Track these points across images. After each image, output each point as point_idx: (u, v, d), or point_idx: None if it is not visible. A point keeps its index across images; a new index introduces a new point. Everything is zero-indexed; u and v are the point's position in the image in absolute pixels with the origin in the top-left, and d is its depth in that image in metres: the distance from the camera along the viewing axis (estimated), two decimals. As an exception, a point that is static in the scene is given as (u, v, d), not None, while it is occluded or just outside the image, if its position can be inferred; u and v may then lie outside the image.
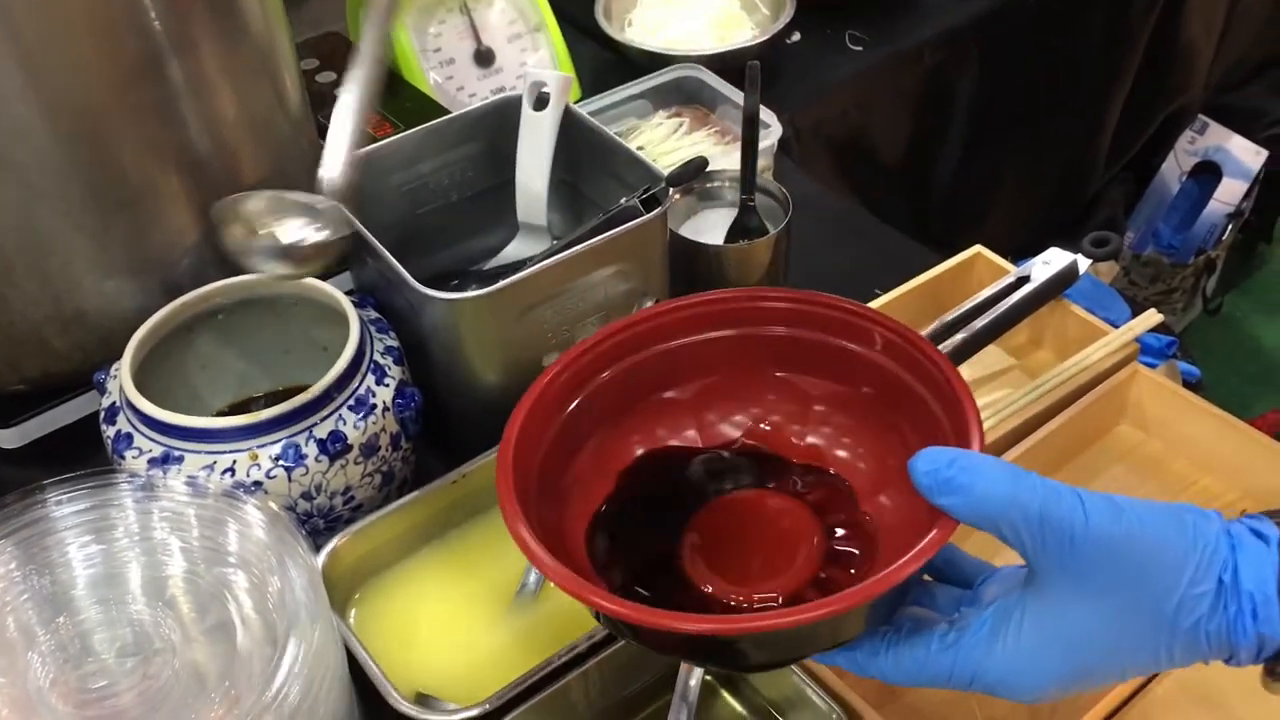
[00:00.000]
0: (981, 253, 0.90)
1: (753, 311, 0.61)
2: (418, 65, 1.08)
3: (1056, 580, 0.48)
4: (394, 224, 0.82)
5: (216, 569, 0.60)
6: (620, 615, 0.48)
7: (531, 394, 0.57)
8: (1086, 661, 0.49)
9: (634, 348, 0.61)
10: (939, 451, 0.49)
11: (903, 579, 0.48)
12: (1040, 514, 0.47)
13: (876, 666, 0.52)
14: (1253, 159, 1.94)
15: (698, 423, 0.63)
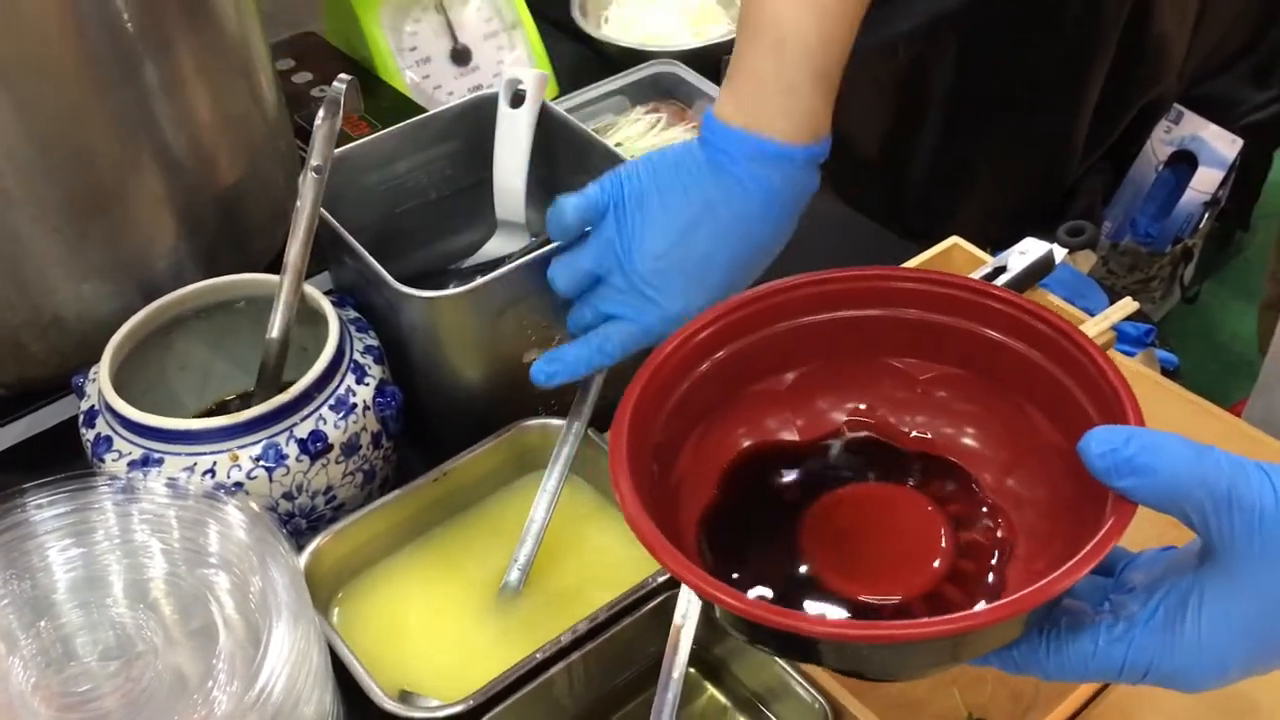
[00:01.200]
0: (958, 244, 0.91)
1: (854, 293, 0.57)
2: (394, 64, 1.08)
3: (1241, 561, 0.45)
4: (372, 223, 0.82)
5: (198, 570, 0.60)
6: (781, 625, 0.45)
7: (632, 393, 0.53)
8: (1269, 644, 0.46)
9: (733, 336, 0.57)
10: (1113, 430, 0.46)
11: (1085, 571, 0.45)
12: (1228, 493, 0.44)
13: (1037, 665, 0.49)
14: (1228, 148, 1.95)
15: (804, 411, 0.59)
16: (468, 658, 0.68)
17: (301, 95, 1.07)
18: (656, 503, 0.51)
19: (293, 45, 1.14)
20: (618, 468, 0.50)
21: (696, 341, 0.56)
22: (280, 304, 0.71)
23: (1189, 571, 0.47)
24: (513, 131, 0.83)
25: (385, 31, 1.08)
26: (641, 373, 0.54)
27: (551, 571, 0.72)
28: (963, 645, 0.48)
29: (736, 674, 0.68)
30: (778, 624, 0.45)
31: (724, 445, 0.58)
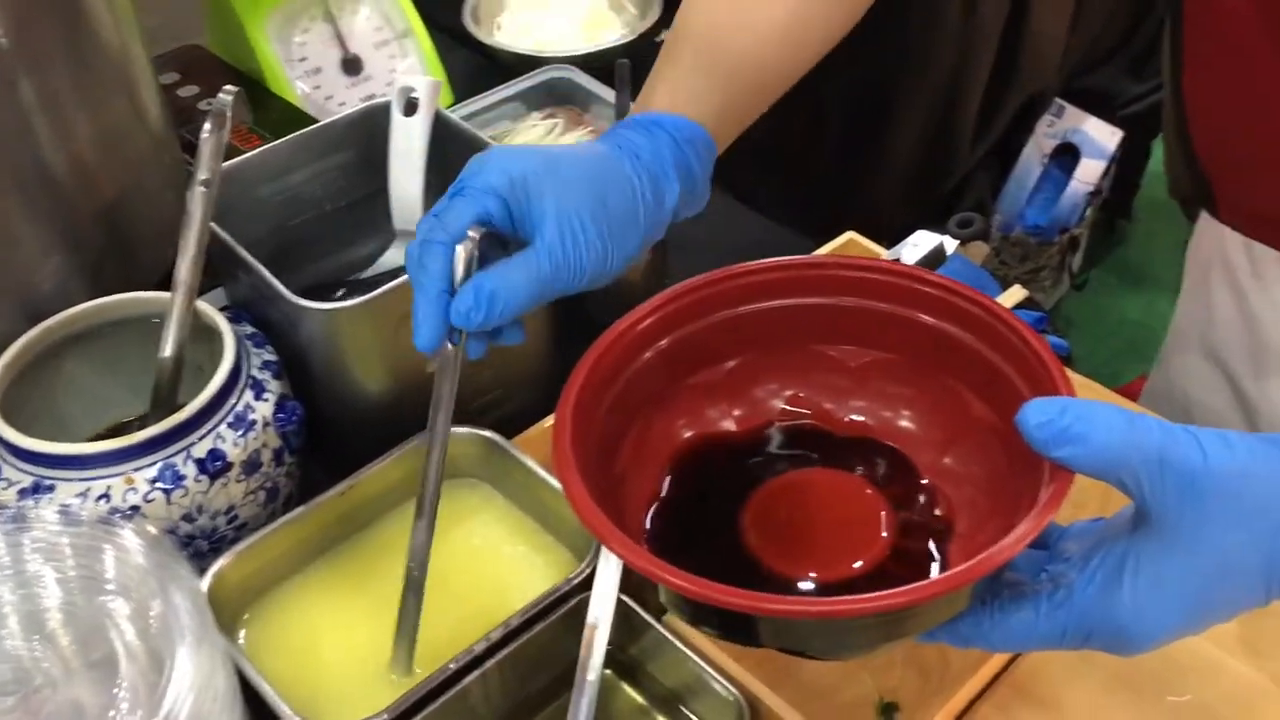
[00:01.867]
0: (853, 238, 0.93)
1: (790, 281, 0.58)
2: (283, 75, 1.06)
3: (1174, 523, 0.46)
4: (266, 237, 0.81)
5: (95, 598, 0.58)
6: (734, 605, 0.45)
7: (573, 385, 0.53)
8: (1203, 603, 0.47)
9: (672, 326, 0.58)
10: (1049, 402, 0.47)
11: (1030, 539, 0.45)
12: (1160, 456, 0.45)
13: (982, 637, 0.50)
14: (1109, 139, 2.02)
15: (742, 400, 0.60)
16: (383, 673, 0.67)
17: (188, 109, 1.05)
18: (601, 495, 0.51)
19: (177, 58, 1.12)
20: (563, 461, 0.50)
21: (637, 332, 0.56)
22: (172, 322, 0.69)
23: (1123, 537, 0.48)
24: (407, 140, 0.83)
25: (273, 43, 1.06)
26: (582, 365, 0.54)
27: (465, 581, 0.71)
28: (909, 620, 0.49)
29: (653, 673, 0.68)
30: (728, 603, 0.45)
31: (666, 437, 0.58)
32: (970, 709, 0.65)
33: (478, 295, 0.58)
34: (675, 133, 0.66)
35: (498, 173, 0.60)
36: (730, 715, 0.63)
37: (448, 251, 0.58)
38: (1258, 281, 0.82)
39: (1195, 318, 0.90)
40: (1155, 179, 2.14)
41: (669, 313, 0.57)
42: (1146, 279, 2.20)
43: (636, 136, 0.65)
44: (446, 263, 0.58)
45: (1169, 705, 0.65)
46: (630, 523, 0.55)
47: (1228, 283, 0.85)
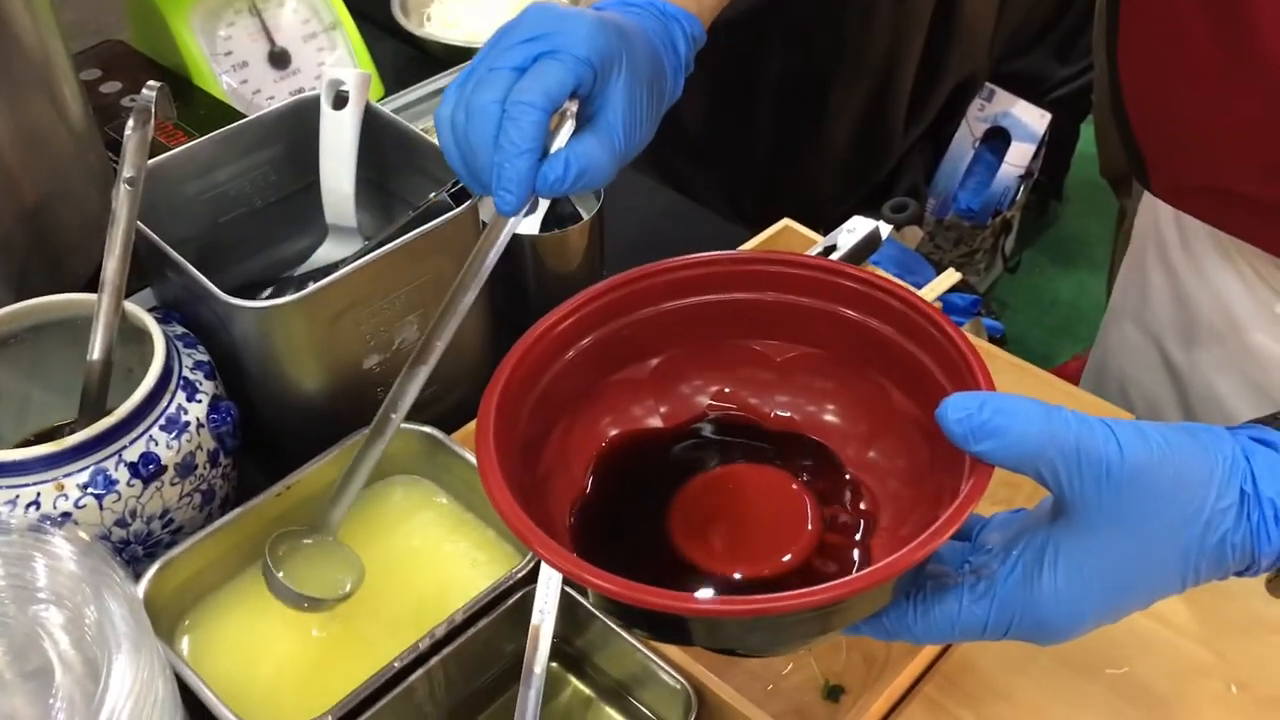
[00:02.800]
0: (789, 225, 0.93)
1: (714, 277, 0.58)
2: (209, 70, 1.05)
3: (1091, 514, 0.47)
4: (195, 235, 0.80)
5: (28, 608, 0.56)
6: (656, 605, 0.45)
7: (496, 384, 0.53)
8: (1121, 591, 0.48)
9: (595, 324, 0.57)
10: (968, 397, 0.47)
11: (950, 533, 0.45)
12: (1076, 449, 0.46)
13: (907, 630, 0.50)
14: (1038, 122, 2.05)
15: (668, 397, 0.59)
16: (329, 674, 0.66)
17: (111, 106, 1.03)
18: (526, 496, 0.51)
19: (99, 54, 1.10)
20: (486, 463, 0.49)
21: (559, 331, 0.56)
22: (99, 324, 0.68)
23: (1043, 528, 0.49)
24: (337, 134, 0.82)
25: (197, 37, 1.04)
26: (504, 365, 0.53)
27: (407, 579, 0.71)
28: (833, 615, 0.49)
29: (599, 665, 0.68)
30: (653, 604, 0.45)
31: (591, 435, 0.58)
32: (914, 689, 0.66)
33: (567, 168, 0.57)
34: (682, 20, 0.67)
35: (587, 43, 0.58)
36: (678, 704, 0.64)
37: (544, 117, 0.56)
38: (1187, 255, 0.84)
39: (1130, 294, 0.92)
40: (1084, 160, 2.18)
41: (590, 311, 0.57)
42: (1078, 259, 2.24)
43: (651, 19, 0.65)
44: (541, 127, 0.56)
45: (1107, 678, 0.67)
46: (556, 522, 0.54)
47: (1160, 258, 0.87)
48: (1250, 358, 0.80)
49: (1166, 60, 0.71)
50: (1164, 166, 0.76)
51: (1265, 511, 0.47)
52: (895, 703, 0.65)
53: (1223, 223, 0.76)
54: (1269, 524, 0.47)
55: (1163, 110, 0.74)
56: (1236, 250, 0.79)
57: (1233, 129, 0.68)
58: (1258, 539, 0.47)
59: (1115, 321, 0.95)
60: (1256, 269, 0.78)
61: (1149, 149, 0.76)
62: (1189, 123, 0.72)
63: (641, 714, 0.67)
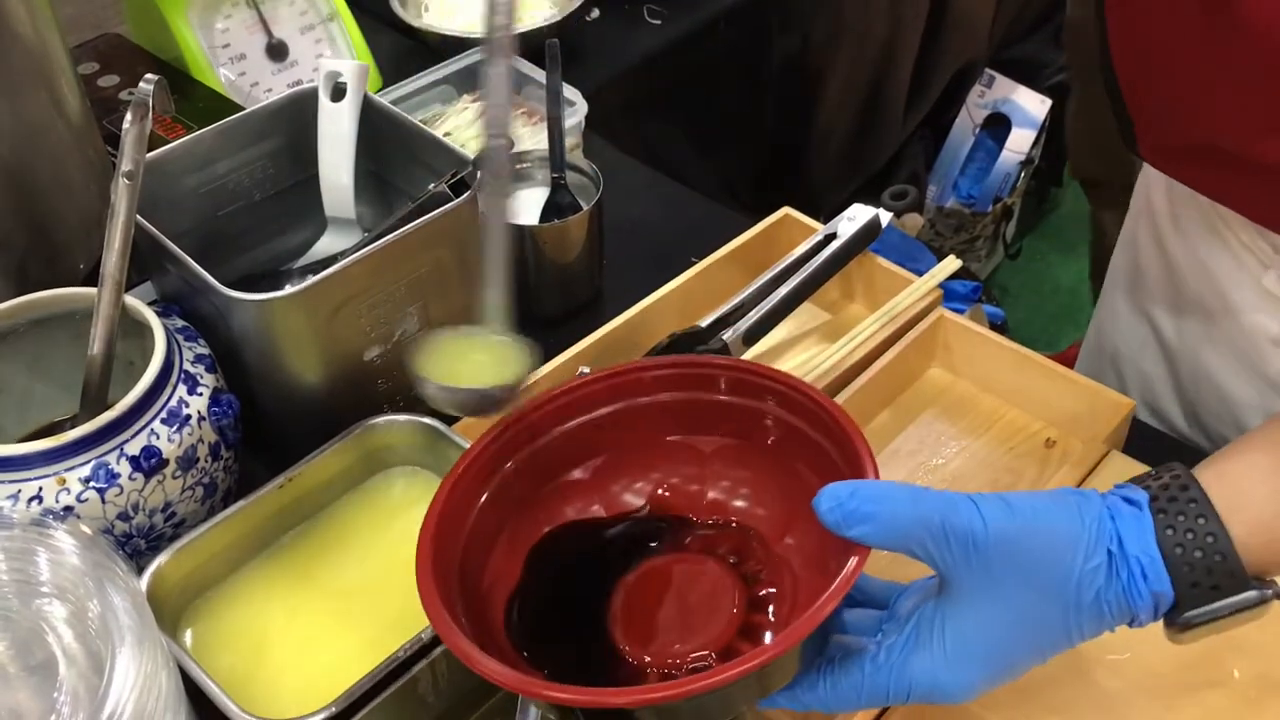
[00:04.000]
0: (789, 214, 0.93)
1: (636, 383, 0.63)
2: (206, 63, 1.04)
3: (967, 585, 0.50)
4: (194, 228, 0.80)
5: (31, 602, 0.57)
6: (568, 701, 0.50)
7: (436, 505, 0.58)
8: (1008, 653, 0.51)
9: (527, 438, 0.62)
10: (839, 486, 0.51)
11: (826, 615, 0.49)
12: (942, 526, 0.49)
13: (817, 699, 0.53)
14: (1038, 108, 2.05)
15: (602, 497, 0.64)
16: (334, 666, 0.66)
17: (109, 99, 1.03)
18: (469, 609, 0.56)
19: (96, 48, 1.10)
20: (426, 593, 0.54)
21: (488, 456, 0.61)
22: (100, 318, 0.68)
23: (931, 599, 0.52)
24: (335, 126, 0.82)
25: (195, 30, 1.04)
26: (437, 497, 0.58)
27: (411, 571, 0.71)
28: (747, 692, 0.53)
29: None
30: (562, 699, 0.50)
31: (530, 538, 0.62)
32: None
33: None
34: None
35: None
36: (680, 692, 0.64)
37: None
38: (1176, 227, 0.84)
39: (1125, 268, 0.92)
40: (1084, 147, 2.17)
41: (513, 434, 0.62)
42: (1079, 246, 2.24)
43: None
44: None
45: (1109, 663, 0.67)
46: (495, 620, 0.58)
47: (1151, 231, 0.87)
48: (1238, 330, 0.81)
49: (1152, 17, 0.71)
50: (1151, 126, 0.76)
51: (1133, 569, 0.50)
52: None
53: (1208, 186, 0.76)
54: (1137, 580, 0.50)
55: (1149, 68, 0.74)
56: (1223, 222, 0.79)
57: (1217, 86, 0.68)
58: (1130, 595, 0.50)
59: (1109, 298, 0.95)
60: (1243, 240, 0.78)
61: (1136, 109, 0.76)
62: (1175, 80, 0.72)
63: (644, 703, 0.67)
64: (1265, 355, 0.79)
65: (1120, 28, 0.74)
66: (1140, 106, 0.76)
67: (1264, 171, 0.68)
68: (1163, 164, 0.79)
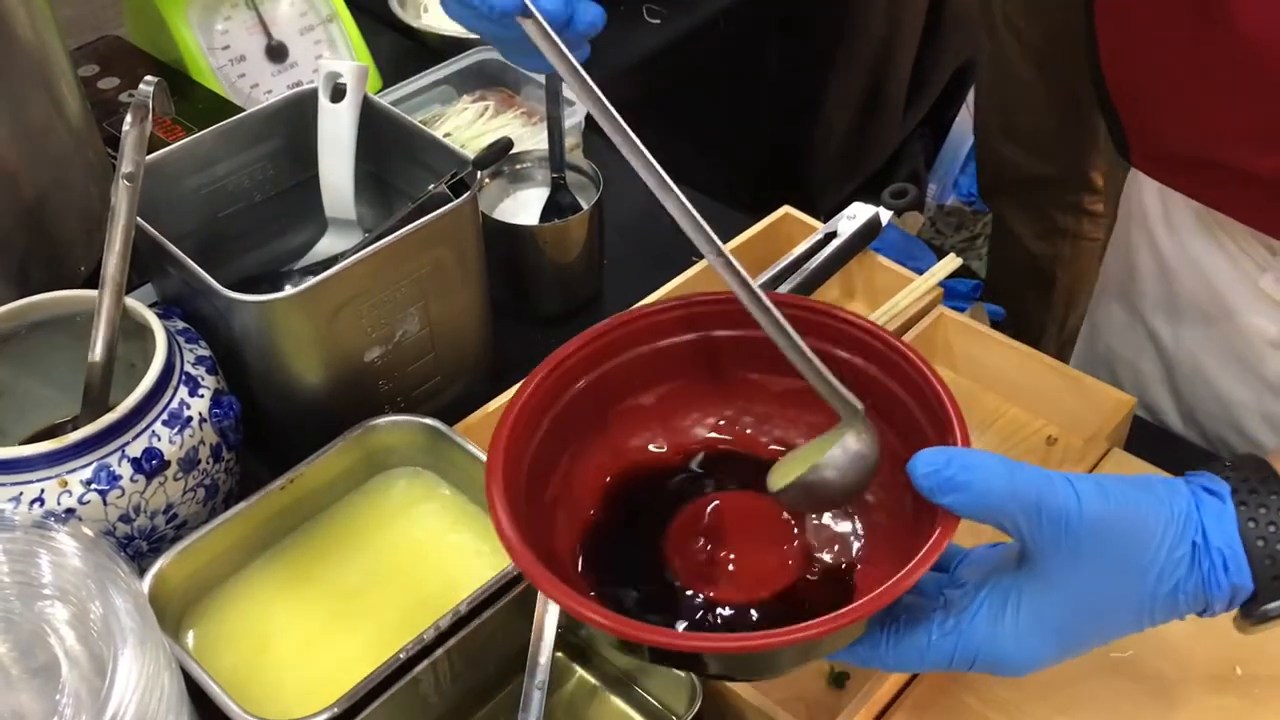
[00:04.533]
0: (789, 212, 0.93)
1: (720, 315, 0.61)
2: (206, 64, 1.04)
3: (1052, 562, 0.50)
4: (194, 229, 0.80)
5: (34, 604, 0.57)
6: (651, 641, 0.49)
7: (509, 416, 0.56)
8: (1078, 633, 0.52)
9: (603, 358, 0.61)
10: (936, 452, 0.51)
11: (913, 584, 0.49)
12: (1037, 503, 0.49)
13: (879, 659, 0.53)
14: (1038, 106, 2.04)
15: (669, 429, 0.63)
16: (336, 667, 0.66)
17: (109, 101, 1.03)
18: (532, 524, 0.54)
19: (96, 50, 1.10)
20: (495, 495, 0.53)
21: (565, 368, 0.59)
22: (101, 320, 0.68)
23: (1010, 572, 0.52)
24: (335, 127, 0.82)
25: (194, 31, 1.04)
26: (514, 400, 0.57)
27: (413, 571, 0.71)
28: (812, 649, 0.53)
29: (604, 654, 0.68)
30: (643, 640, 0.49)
31: (596, 465, 0.61)
32: (918, 674, 0.66)
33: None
34: None
35: None
36: (683, 693, 0.64)
37: None
38: (1170, 231, 0.83)
39: (1117, 270, 0.92)
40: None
41: (595, 349, 0.60)
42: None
43: None
44: None
45: (1112, 661, 0.67)
46: (562, 548, 0.58)
47: (1145, 234, 0.86)
48: (1234, 332, 0.80)
49: (1144, 29, 0.71)
50: (1143, 137, 0.76)
51: (1215, 560, 0.51)
52: (901, 688, 0.65)
53: (1202, 194, 0.76)
54: (1218, 572, 0.51)
55: (1141, 80, 0.74)
56: (1218, 224, 0.78)
57: (1209, 98, 0.68)
58: (1208, 586, 0.51)
59: (1102, 299, 0.95)
60: (1239, 243, 0.77)
61: (1128, 119, 0.76)
62: (1168, 93, 0.72)
63: (647, 703, 0.67)
64: (1262, 357, 0.79)
65: (1111, 38, 0.74)
66: (1132, 117, 0.76)
67: (1260, 183, 0.68)
68: (1156, 172, 0.79)
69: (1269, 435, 0.81)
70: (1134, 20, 0.71)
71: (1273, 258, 0.75)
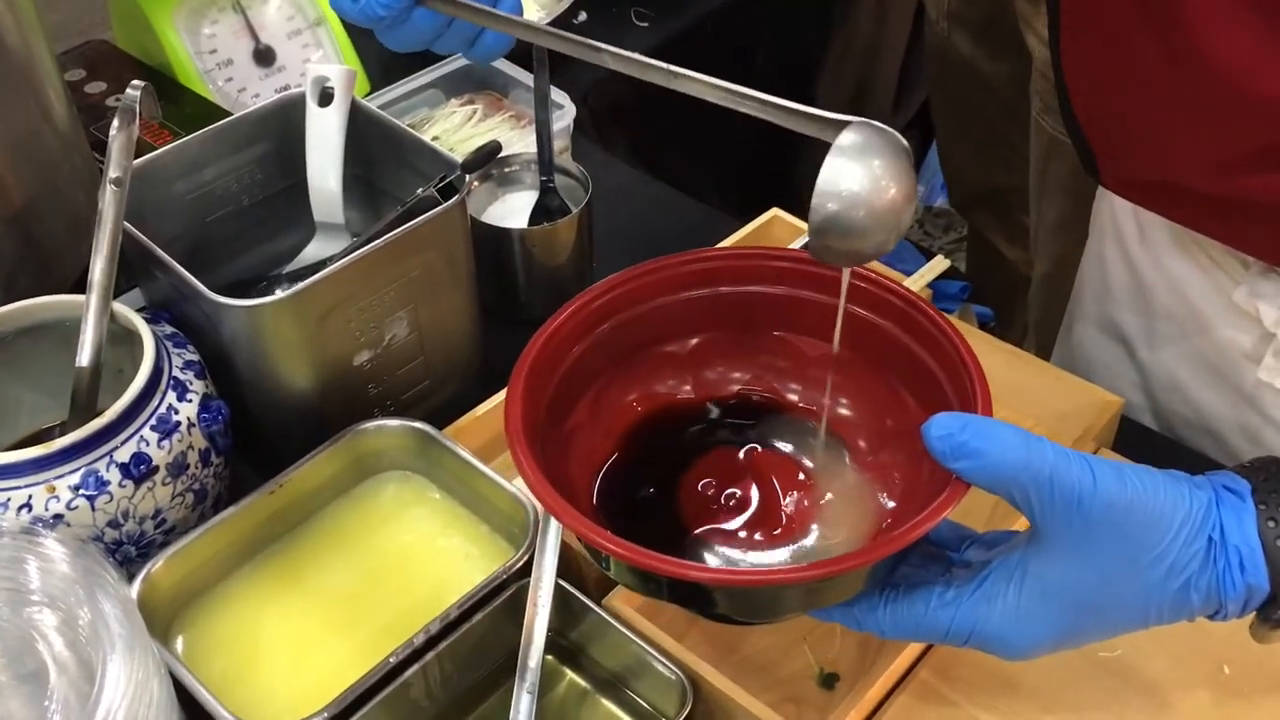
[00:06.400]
0: (778, 215, 0.93)
1: (752, 270, 0.61)
2: (193, 69, 1.04)
3: (1061, 541, 0.49)
4: (182, 234, 0.80)
5: (22, 610, 0.56)
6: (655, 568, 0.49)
7: (536, 341, 0.57)
8: (1081, 619, 0.51)
9: (635, 301, 0.61)
10: (952, 417, 0.50)
11: (912, 541, 0.48)
12: (1050, 478, 0.48)
13: (874, 621, 0.53)
14: (1026, 107, 2.04)
15: (694, 378, 0.63)
16: (327, 672, 0.66)
17: (97, 106, 1.03)
18: (548, 453, 0.54)
19: (83, 55, 1.09)
20: (514, 431, 0.53)
21: (591, 310, 0.59)
22: (88, 325, 0.68)
23: (1018, 549, 0.51)
24: (323, 131, 0.82)
25: (181, 35, 1.04)
26: (536, 338, 0.57)
27: (403, 575, 0.71)
28: (811, 594, 0.53)
29: (594, 656, 0.68)
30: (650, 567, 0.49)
31: (620, 405, 0.62)
32: (908, 675, 0.66)
33: None
34: None
35: None
36: (674, 695, 0.64)
37: None
38: (1144, 246, 0.83)
39: (1091, 285, 0.92)
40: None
41: (633, 288, 0.60)
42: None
43: None
44: None
45: (1101, 660, 0.67)
46: (578, 480, 0.58)
47: (1119, 249, 0.86)
48: (1210, 347, 0.80)
49: (1109, 62, 0.71)
50: (1113, 162, 0.76)
51: (1230, 558, 0.50)
52: (890, 689, 0.65)
53: (1174, 215, 0.76)
54: (1234, 570, 0.50)
55: (1108, 108, 0.73)
56: (1192, 239, 0.78)
57: (1178, 128, 0.68)
58: (1222, 584, 0.50)
59: (1077, 313, 0.95)
60: (1213, 256, 0.77)
61: (1097, 144, 0.76)
62: (1134, 120, 0.72)
63: (637, 705, 0.67)
64: (1239, 369, 0.79)
65: (1075, 65, 0.74)
66: (1102, 145, 0.75)
67: (1230, 205, 0.68)
68: (1128, 194, 0.79)
69: (1246, 446, 0.81)
70: (1098, 49, 0.71)
71: (1246, 271, 0.75)
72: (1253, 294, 0.75)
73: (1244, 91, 0.61)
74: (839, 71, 1.67)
